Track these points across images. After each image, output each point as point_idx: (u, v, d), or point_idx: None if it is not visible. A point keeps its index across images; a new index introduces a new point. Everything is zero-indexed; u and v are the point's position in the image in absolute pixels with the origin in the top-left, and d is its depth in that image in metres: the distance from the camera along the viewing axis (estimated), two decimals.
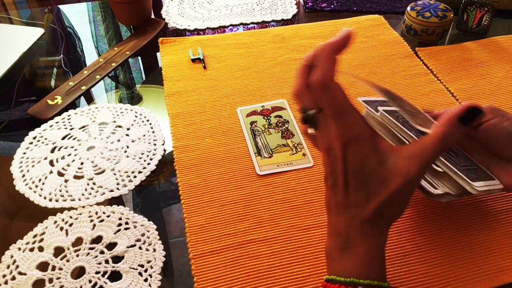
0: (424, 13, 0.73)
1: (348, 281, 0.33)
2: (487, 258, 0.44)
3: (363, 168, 0.34)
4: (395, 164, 0.34)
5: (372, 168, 0.34)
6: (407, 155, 0.34)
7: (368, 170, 0.34)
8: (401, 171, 0.34)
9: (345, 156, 0.35)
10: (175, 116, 0.61)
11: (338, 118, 0.34)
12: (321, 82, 0.34)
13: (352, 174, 0.35)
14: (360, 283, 0.33)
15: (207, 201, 0.50)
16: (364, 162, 0.34)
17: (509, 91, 0.64)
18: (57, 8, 0.88)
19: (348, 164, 0.35)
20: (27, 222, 0.49)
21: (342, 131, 0.34)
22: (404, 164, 0.34)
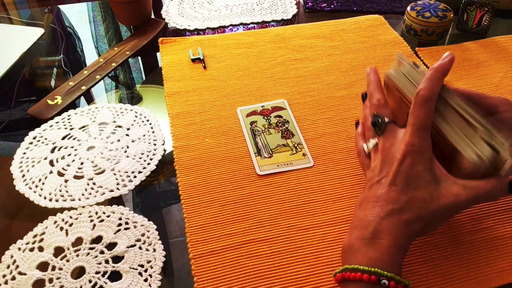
0: (424, 13, 0.73)
1: (373, 271, 0.34)
2: (487, 258, 0.44)
3: (416, 177, 0.38)
4: (449, 187, 0.38)
5: (424, 181, 0.38)
6: (463, 184, 0.38)
7: (419, 181, 0.38)
8: (454, 193, 0.37)
9: (403, 160, 0.38)
10: (175, 116, 0.61)
11: (418, 131, 0.38)
12: (426, 97, 0.39)
13: (402, 176, 0.38)
14: (384, 274, 0.34)
15: (207, 201, 0.50)
16: (418, 173, 0.38)
17: (509, 91, 0.64)
18: (57, 8, 0.88)
19: (404, 167, 0.38)
20: (27, 222, 0.49)
21: (414, 141, 0.38)
22: (458, 190, 0.38)
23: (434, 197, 0.37)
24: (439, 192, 0.37)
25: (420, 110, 0.39)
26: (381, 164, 0.40)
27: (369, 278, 0.34)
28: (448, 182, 0.38)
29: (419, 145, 0.38)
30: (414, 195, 0.37)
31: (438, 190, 0.38)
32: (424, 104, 0.39)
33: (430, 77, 0.40)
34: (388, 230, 0.36)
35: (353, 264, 0.35)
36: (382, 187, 0.39)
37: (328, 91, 0.65)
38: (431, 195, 0.37)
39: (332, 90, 0.65)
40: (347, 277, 0.35)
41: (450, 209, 0.37)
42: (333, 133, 0.58)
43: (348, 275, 0.35)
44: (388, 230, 0.36)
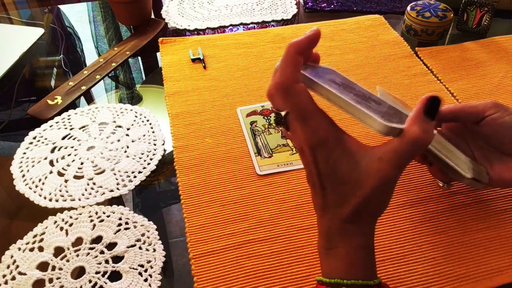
0: (424, 13, 0.73)
1: (333, 282, 0.34)
2: (487, 258, 0.44)
3: (336, 170, 0.34)
4: (369, 165, 0.33)
5: (346, 170, 0.34)
6: (381, 157, 0.33)
7: (341, 172, 0.34)
8: (375, 172, 0.33)
9: (316, 159, 0.34)
10: (175, 116, 0.61)
11: (302, 123, 0.33)
12: (280, 86, 0.33)
13: (326, 177, 0.34)
14: (343, 283, 0.33)
15: (207, 201, 0.50)
16: (336, 165, 0.34)
17: (509, 91, 0.64)
18: (57, 8, 0.88)
19: (320, 167, 0.34)
20: (27, 222, 0.49)
21: (308, 135, 0.34)
22: (378, 165, 0.33)
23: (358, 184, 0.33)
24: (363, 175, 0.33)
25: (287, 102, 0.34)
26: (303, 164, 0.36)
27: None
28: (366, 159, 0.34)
29: (315, 136, 0.33)
30: (343, 190, 0.34)
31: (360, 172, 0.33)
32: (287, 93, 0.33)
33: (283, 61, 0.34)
34: (339, 236, 0.35)
35: (321, 275, 0.36)
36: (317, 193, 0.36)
37: None
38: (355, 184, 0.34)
39: None
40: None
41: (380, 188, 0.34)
42: None
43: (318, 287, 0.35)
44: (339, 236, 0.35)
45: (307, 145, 0.34)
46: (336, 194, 0.34)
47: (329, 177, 0.34)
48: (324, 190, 0.35)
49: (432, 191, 0.50)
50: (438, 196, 0.50)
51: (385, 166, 0.33)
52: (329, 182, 0.34)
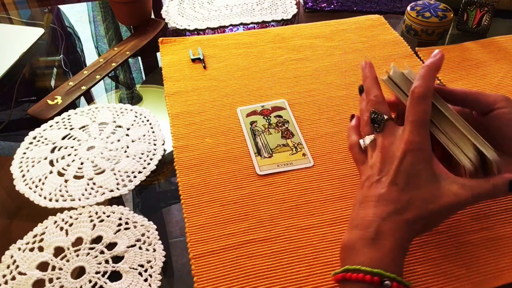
0: (424, 13, 0.73)
1: (375, 271, 0.34)
2: (487, 258, 0.44)
3: (416, 176, 0.38)
4: (449, 186, 0.38)
5: (425, 180, 0.38)
6: (463, 183, 0.38)
7: (420, 180, 0.38)
8: (453, 194, 0.37)
9: (404, 159, 0.38)
10: (175, 116, 0.61)
11: (417, 128, 0.38)
12: (422, 94, 0.39)
13: (403, 175, 0.38)
14: (387, 275, 0.34)
15: (207, 201, 0.50)
16: (419, 172, 0.38)
17: (509, 91, 0.64)
18: (57, 8, 0.88)
19: (404, 166, 0.38)
20: (27, 222, 0.49)
21: (414, 139, 0.38)
22: (458, 190, 0.38)
23: (435, 196, 0.37)
24: (440, 191, 0.37)
25: (417, 107, 0.39)
26: (381, 162, 0.40)
27: (371, 279, 0.34)
28: (448, 181, 0.38)
29: (418, 142, 0.38)
30: (415, 194, 0.37)
31: (438, 189, 0.37)
32: (421, 101, 0.39)
33: (424, 75, 0.40)
34: (389, 231, 0.36)
35: (355, 265, 0.35)
36: (382, 187, 0.38)
37: (328, 91, 0.65)
38: (431, 194, 0.37)
39: (332, 90, 0.65)
40: (348, 277, 0.35)
41: (450, 208, 0.38)
42: (333, 133, 0.58)
43: (350, 276, 0.35)
44: (390, 231, 0.36)
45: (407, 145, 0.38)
46: (405, 195, 0.37)
47: (407, 177, 0.38)
48: (394, 185, 0.38)
49: None
50: None
51: (466, 191, 0.37)
52: (403, 180, 0.38)
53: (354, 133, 0.47)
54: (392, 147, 0.40)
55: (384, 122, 0.42)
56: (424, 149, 0.38)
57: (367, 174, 0.41)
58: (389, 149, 0.40)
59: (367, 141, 0.43)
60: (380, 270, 0.34)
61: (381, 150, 0.40)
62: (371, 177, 0.40)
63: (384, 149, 0.40)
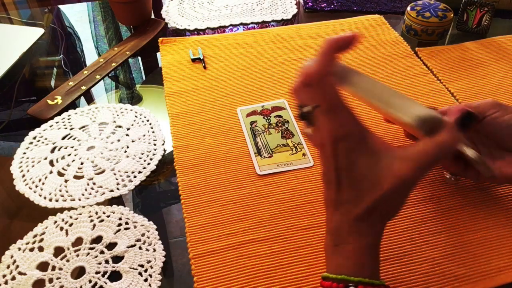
0: (424, 13, 0.73)
1: (339, 278, 0.34)
2: (487, 258, 0.44)
3: (355, 166, 0.34)
4: (390, 165, 0.34)
5: (365, 166, 0.34)
6: (404, 157, 0.34)
7: (360, 168, 0.34)
8: (395, 172, 0.33)
9: (336, 153, 0.34)
10: (175, 116, 0.61)
11: (329, 114, 0.34)
12: (314, 77, 0.34)
13: (343, 172, 0.35)
14: (350, 280, 0.33)
15: (207, 201, 0.50)
16: (356, 160, 0.34)
17: (509, 91, 0.64)
18: (57, 8, 0.88)
19: (340, 161, 0.34)
20: (27, 222, 0.49)
21: (333, 127, 0.34)
22: (400, 165, 0.33)
23: (377, 183, 0.34)
24: (381, 175, 0.34)
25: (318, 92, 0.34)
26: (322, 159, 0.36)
27: (337, 286, 0.33)
28: (389, 158, 0.34)
29: (340, 128, 0.34)
30: (360, 186, 0.34)
31: (379, 172, 0.34)
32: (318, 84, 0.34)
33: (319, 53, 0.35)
34: (348, 233, 0.35)
35: (327, 271, 0.35)
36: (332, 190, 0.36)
37: None
38: (374, 182, 0.34)
39: None
40: (322, 284, 0.35)
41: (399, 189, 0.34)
42: None
43: (323, 283, 0.35)
44: (349, 233, 0.35)
45: (331, 138, 0.34)
46: (352, 191, 0.34)
47: (347, 173, 0.34)
48: (340, 185, 0.35)
49: (432, 191, 0.50)
50: (438, 196, 0.50)
51: (407, 165, 0.33)
52: (346, 178, 0.35)
53: None
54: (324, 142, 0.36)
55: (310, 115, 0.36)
56: (351, 133, 0.34)
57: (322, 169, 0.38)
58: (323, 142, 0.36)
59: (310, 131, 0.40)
60: (344, 276, 0.34)
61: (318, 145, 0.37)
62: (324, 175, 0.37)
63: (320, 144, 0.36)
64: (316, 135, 0.36)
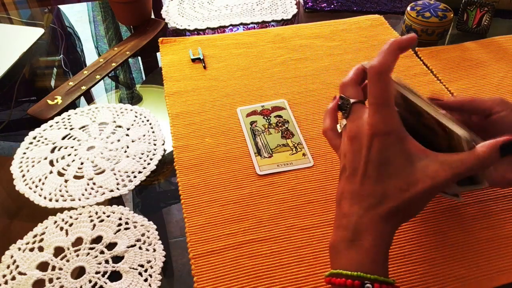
0: (424, 13, 0.73)
1: (355, 275, 0.33)
2: (487, 258, 0.44)
3: (387, 163, 0.35)
4: (427, 167, 0.34)
5: (398, 165, 0.35)
6: (443, 161, 0.34)
7: (392, 167, 0.35)
8: (431, 173, 0.34)
9: (372, 146, 0.35)
10: (175, 116, 0.61)
11: (378, 108, 0.35)
12: (378, 70, 0.35)
13: (373, 165, 0.35)
14: (367, 277, 0.33)
15: (207, 201, 0.50)
16: (389, 158, 0.35)
17: (509, 91, 0.64)
18: (57, 8, 0.88)
19: (372, 154, 0.35)
20: (27, 222, 0.49)
21: (377, 121, 0.35)
22: (436, 168, 0.34)
23: (410, 183, 0.34)
24: (415, 177, 0.34)
25: (376, 85, 0.35)
26: (350, 151, 0.37)
27: (352, 283, 0.33)
28: (425, 161, 0.35)
29: (383, 125, 0.35)
30: (389, 184, 0.35)
31: (413, 173, 0.34)
32: (379, 78, 0.35)
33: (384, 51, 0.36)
34: (368, 229, 0.35)
35: (338, 268, 0.35)
36: (355, 181, 0.36)
37: (328, 91, 0.65)
38: (406, 181, 0.34)
39: (332, 90, 0.65)
40: (333, 281, 0.34)
41: (429, 192, 0.34)
42: None
43: (334, 280, 0.34)
44: (368, 230, 0.35)
45: (369, 130, 0.35)
46: (379, 187, 0.35)
47: (377, 167, 0.35)
48: (366, 178, 0.35)
49: None
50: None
51: (444, 170, 0.34)
52: (375, 172, 0.35)
53: (329, 117, 0.43)
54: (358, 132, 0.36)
55: (350, 107, 0.38)
56: (392, 131, 0.35)
57: (341, 163, 0.38)
58: (356, 135, 0.36)
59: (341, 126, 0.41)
60: (360, 273, 0.33)
61: (348, 136, 0.37)
62: (345, 169, 0.38)
63: (351, 136, 0.37)
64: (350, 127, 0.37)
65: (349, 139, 0.37)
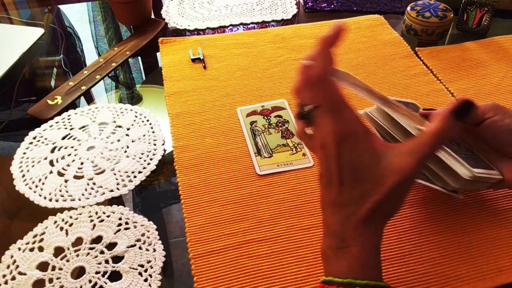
0: (424, 13, 0.73)
1: (346, 281, 0.33)
2: (487, 258, 0.44)
3: (358, 166, 0.34)
4: (391, 162, 0.34)
5: (367, 166, 0.34)
6: (403, 152, 0.34)
7: (363, 168, 0.34)
8: (397, 168, 0.34)
9: (340, 153, 0.34)
10: (175, 116, 0.61)
11: (333, 114, 0.34)
12: (317, 77, 0.34)
13: (346, 172, 0.34)
14: (357, 283, 0.33)
15: (207, 201, 0.50)
16: (358, 160, 0.34)
17: (509, 91, 0.64)
18: (57, 8, 0.88)
19: (343, 161, 0.34)
20: (27, 222, 0.49)
21: (337, 127, 0.34)
22: (400, 161, 0.34)
23: (380, 182, 0.34)
24: (383, 173, 0.34)
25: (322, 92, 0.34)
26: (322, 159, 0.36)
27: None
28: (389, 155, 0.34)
29: (345, 128, 0.34)
30: (362, 188, 0.34)
31: (381, 172, 0.34)
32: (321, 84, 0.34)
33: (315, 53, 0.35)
34: (353, 236, 0.34)
35: (329, 275, 0.35)
36: (333, 189, 0.35)
37: None
38: (377, 181, 0.34)
39: None
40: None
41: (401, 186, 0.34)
42: None
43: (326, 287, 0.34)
44: (353, 236, 0.34)
45: (334, 138, 0.34)
46: (356, 191, 0.34)
47: (351, 172, 0.34)
48: (342, 185, 0.35)
49: (431, 192, 0.50)
50: (437, 196, 0.50)
51: (408, 159, 0.33)
52: (349, 178, 0.34)
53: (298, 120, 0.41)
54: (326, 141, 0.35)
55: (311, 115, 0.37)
56: (354, 131, 0.34)
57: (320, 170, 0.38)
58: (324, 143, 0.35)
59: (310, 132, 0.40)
60: (350, 279, 0.33)
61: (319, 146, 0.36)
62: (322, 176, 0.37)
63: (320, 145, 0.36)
64: (316, 135, 0.36)
65: (319, 148, 0.36)
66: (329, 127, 0.34)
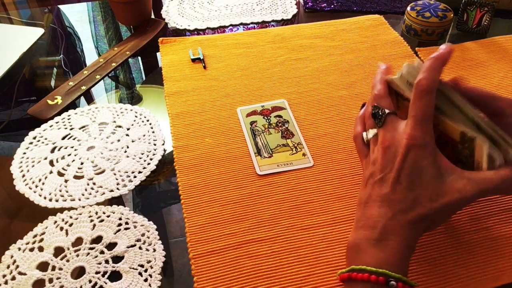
0: (424, 13, 0.73)
1: (381, 272, 0.34)
2: (487, 258, 0.44)
3: (420, 173, 0.37)
4: (455, 182, 0.37)
5: (429, 177, 0.37)
6: (470, 178, 0.37)
7: (424, 177, 0.37)
8: (459, 189, 0.36)
9: (406, 156, 0.37)
10: (175, 116, 0.61)
11: (420, 123, 0.37)
12: (425, 88, 0.37)
13: (407, 173, 0.37)
14: (392, 275, 0.34)
15: (207, 201, 0.50)
16: (422, 169, 0.37)
17: (509, 91, 0.64)
18: (57, 8, 0.88)
19: (406, 164, 0.37)
20: (27, 222, 0.49)
21: (416, 134, 0.37)
22: (464, 184, 0.36)
23: (439, 194, 0.36)
24: (444, 188, 0.36)
25: (420, 100, 0.37)
26: (383, 158, 0.39)
27: (377, 279, 0.34)
28: (454, 176, 0.37)
29: (421, 137, 0.37)
30: (420, 193, 0.37)
31: (443, 185, 0.36)
32: (425, 94, 0.37)
33: (429, 67, 0.38)
34: (395, 231, 0.36)
35: (360, 265, 0.35)
36: (386, 186, 0.38)
37: (328, 91, 0.65)
38: (436, 192, 0.36)
39: (332, 90, 0.65)
40: (354, 277, 0.35)
41: (456, 205, 0.37)
42: (333, 133, 0.58)
43: (355, 275, 0.35)
44: (395, 231, 0.36)
45: (407, 142, 0.37)
46: (410, 193, 0.37)
47: (411, 175, 0.37)
48: (398, 184, 0.37)
49: None
50: None
51: (471, 186, 0.36)
52: (407, 179, 0.37)
53: (360, 123, 0.46)
54: (394, 142, 0.39)
55: (384, 116, 0.41)
56: (427, 145, 0.37)
57: (370, 170, 0.40)
58: (391, 144, 0.39)
59: (369, 135, 0.43)
60: (385, 270, 0.34)
61: (382, 145, 0.39)
62: (374, 174, 0.39)
63: (385, 145, 0.39)
64: (384, 135, 0.40)
65: (383, 147, 0.39)
66: (407, 130, 0.38)
